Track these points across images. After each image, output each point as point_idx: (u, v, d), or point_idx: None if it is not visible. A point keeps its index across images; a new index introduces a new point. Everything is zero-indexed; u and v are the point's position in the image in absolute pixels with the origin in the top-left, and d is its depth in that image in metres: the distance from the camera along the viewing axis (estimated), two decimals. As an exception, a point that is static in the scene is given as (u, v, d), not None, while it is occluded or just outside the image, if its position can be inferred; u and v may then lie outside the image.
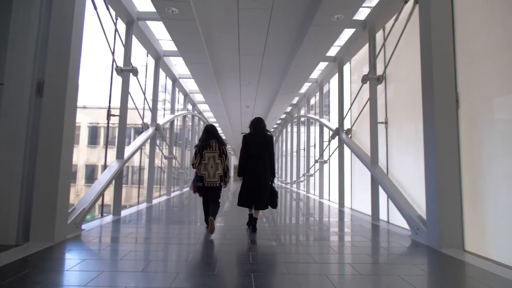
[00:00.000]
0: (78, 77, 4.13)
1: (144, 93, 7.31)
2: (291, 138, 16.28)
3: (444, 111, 4.00)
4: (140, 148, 7.02)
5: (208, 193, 4.75)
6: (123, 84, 6.22)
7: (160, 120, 8.91)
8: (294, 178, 15.36)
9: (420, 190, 5.21)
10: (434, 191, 3.93)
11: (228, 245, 3.93)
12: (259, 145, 4.74)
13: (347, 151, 8.26)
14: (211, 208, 4.60)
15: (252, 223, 4.79)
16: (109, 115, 6.02)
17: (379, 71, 6.46)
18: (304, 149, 13.94)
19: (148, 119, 8.15)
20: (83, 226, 4.61)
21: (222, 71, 8.99)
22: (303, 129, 14.25)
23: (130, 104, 6.74)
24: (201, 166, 4.67)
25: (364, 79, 6.38)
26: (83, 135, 29.40)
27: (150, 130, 7.87)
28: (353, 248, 3.89)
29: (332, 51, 8.59)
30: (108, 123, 6.15)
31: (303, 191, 13.24)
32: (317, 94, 11.59)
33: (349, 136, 7.99)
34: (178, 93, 12.27)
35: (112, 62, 6.16)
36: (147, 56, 8.37)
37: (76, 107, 4.09)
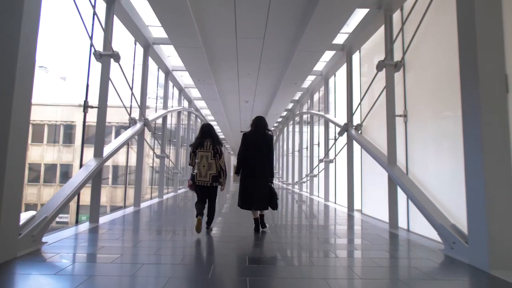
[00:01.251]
0: (33, 70, 3.31)
1: (128, 82, 6.48)
2: (292, 136, 15.48)
3: (491, 98, 3.17)
4: (124, 145, 6.20)
5: (202, 192, 4.67)
6: (103, 71, 5.40)
7: (151, 116, 8.10)
8: (296, 179, 14.55)
9: (449, 194, 4.40)
10: (480, 198, 3.11)
11: (221, 267, 3.10)
12: (259, 144, 4.72)
13: (356, 149, 7.46)
14: (207, 213, 4.66)
15: (260, 220, 4.76)
16: (86, 107, 5.22)
17: (396, 57, 5.65)
18: (307, 148, 13.15)
19: (138, 115, 7.34)
20: (46, 238, 3.80)
21: (218, 58, 8.06)
22: (305, 128, 13.47)
23: (118, 101, 5.97)
24: (194, 164, 4.68)
25: (380, 66, 5.57)
26: (78, 135, 28.57)
27: (138, 126, 7.06)
28: (378, 270, 3.07)
29: (340, 39, 7.78)
30: (84, 116, 5.34)
31: (306, 193, 12.43)
32: (322, 89, 10.77)
33: (359, 132, 7.18)
34: (173, 87, 11.47)
35: (90, 47, 5.35)
36: (135, 44, 7.56)
37: (30, 103, 3.27)
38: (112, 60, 5.50)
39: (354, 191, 7.39)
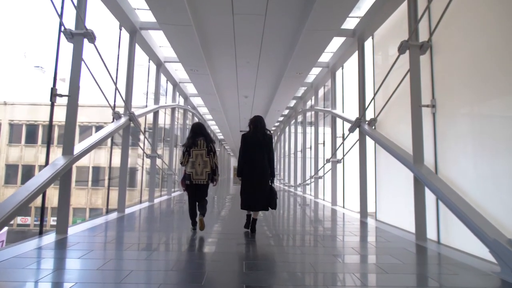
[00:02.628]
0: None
1: (108, 69, 5.62)
2: (295, 135, 14.63)
3: None
4: (102, 142, 5.35)
5: (195, 191, 4.69)
6: (75, 53, 4.56)
7: (139, 111, 7.25)
8: (299, 181, 13.68)
9: (495, 201, 3.54)
10: None
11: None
12: (258, 145, 4.70)
13: (368, 147, 6.61)
14: (199, 207, 4.68)
15: (251, 224, 4.66)
16: (53, 95, 4.37)
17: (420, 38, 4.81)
18: (310, 148, 12.31)
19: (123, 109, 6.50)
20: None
21: (212, 40, 7.03)
22: (308, 129, 12.67)
23: (102, 99, 5.11)
24: (188, 164, 4.67)
25: (403, 47, 4.71)
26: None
27: (122, 120, 6.21)
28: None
29: (350, 24, 6.94)
30: (52, 106, 4.49)
31: (310, 196, 11.57)
32: (327, 83, 9.93)
33: (373, 128, 6.33)
34: (167, 82, 10.63)
35: (60, 25, 4.51)
36: (120, 29, 6.72)
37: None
38: (86, 41, 4.66)
39: (367, 194, 6.52)
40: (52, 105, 4.46)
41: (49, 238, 4.02)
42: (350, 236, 4.74)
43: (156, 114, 8.70)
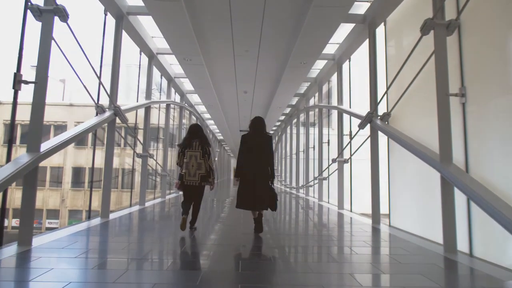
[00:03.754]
0: None
1: (84, 52, 4.96)
2: (297, 135, 13.97)
3: None
4: (78, 138, 4.69)
5: (189, 192, 4.69)
6: (43, 33, 3.89)
7: (127, 106, 6.59)
8: (301, 182, 13.01)
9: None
10: None
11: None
12: (258, 145, 4.71)
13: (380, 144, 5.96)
14: (192, 212, 4.72)
15: (257, 224, 4.64)
16: (17, 81, 3.70)
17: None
18: (313, 148, 11.66)
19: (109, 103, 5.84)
20: None
21: (205, 22, 6.18)
22: (312, 130, 12.04)
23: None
24: (183, 164, 4.70)
25: (427, 27, 4.03)
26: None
27: (106, 115, 5.55)
28: None
29: (361, 8, 6.29)
30: (15, 94, 3.82)
31: (313, 198, 10.90)
32: (333, 77, 9.27)
33: (386, 123, 5.67)
34: (161, 77, 9.98)
35: (26, 1, 3.85)
36: (105, 14, 6.06)
37: None
38: (57, 19, 4.00)
39: (380, 197, 5.85)
40: (16, 93, 3.79)
41: (8, 251, 3.35)
42: (365, 247, 4.06)
43: (148, 110, 8.03)
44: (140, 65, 8.06)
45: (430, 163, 4.01)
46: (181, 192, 4.91)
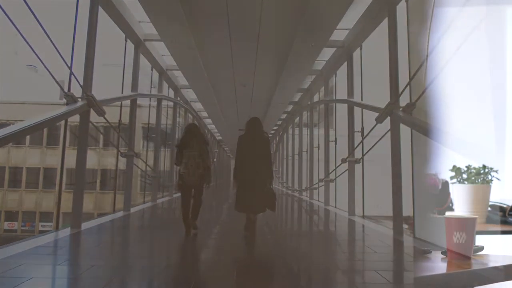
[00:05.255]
0: None
1: (42, 26, 4.06)
2: (300, 134, 13.17)
3: None
4: (34, 131, 3.80)
5: (190, 191, 4.69)
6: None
7: (104, 93, 5.69)
8: (305, 184, 12.15)
9: None
10: None
11: None
12: (256, 146, 4.73)
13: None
14: (192, 207, 4.68)
15: (251, 226, 4.64)
16: None
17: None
18: (318, 147, 10.82)
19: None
20: None
21: None
22: (316, 131, 11.32)
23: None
24: (181, 164, 4.71)
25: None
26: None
27: (77, 105, 4.66)
28: None
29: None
30: None
31: (318, 202, 10.03)
32: (342, 68, 8.37)
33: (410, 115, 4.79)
34: (152, 70, 9.09)
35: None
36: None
37: None
38: None
39: (402, 203, 4.97)
40: None
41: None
42: (405, 272, 3.15)
43: (134, 103, 7.14)
44: (125, 53, 7.16)
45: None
46: (178, 194, 4.92)
